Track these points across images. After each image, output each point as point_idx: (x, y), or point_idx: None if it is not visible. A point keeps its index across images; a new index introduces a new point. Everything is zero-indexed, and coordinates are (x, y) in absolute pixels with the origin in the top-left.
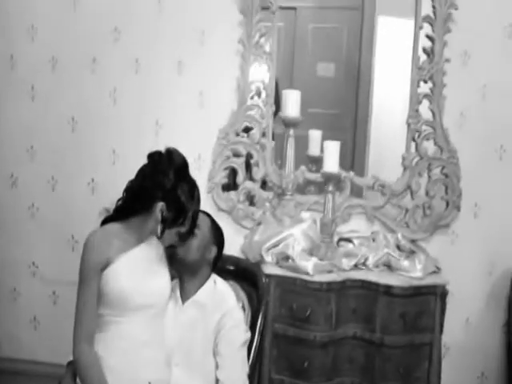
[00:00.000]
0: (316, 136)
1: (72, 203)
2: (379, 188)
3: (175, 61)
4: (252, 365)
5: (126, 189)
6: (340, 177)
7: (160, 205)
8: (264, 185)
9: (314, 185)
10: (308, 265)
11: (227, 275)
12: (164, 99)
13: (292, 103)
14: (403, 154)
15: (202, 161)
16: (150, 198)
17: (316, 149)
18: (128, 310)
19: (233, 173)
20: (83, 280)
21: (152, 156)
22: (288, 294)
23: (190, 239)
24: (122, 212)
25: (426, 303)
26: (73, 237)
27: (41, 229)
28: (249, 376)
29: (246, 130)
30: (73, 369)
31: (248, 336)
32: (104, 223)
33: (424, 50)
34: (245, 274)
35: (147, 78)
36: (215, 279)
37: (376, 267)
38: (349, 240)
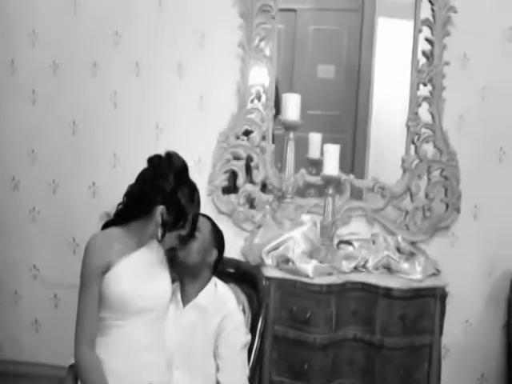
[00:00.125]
0: (316, 139)
1: (73, 206)
2: (379, 190)
3: (175, 64)
4: (252, 367)
5: (127, 193)
6: (340, 180)
7: (160, 208)
8: (264, 188)
9: (314, 188)
10: (308, 267)
11: (228, 278)
12: (164, 102)
13: (292, 107)
14: (403, 157)
15: (203, 164)
16: (150, 202)
17: (316, 152)
18: (129, 314)
19: (233, 176)
20: (84, 284)
21: (152, 160)
22: (288, 297)
23: (191, 242)
24: (123, 216)
25: (426, 305)
26: (74, 240)
27: (42, 232)
28: (249, 378)
29: (246, 133)
30: (74, 372)
31: (248, 338)
32: (105, 227)
33: (423, 53)
34: (245, 277)
35: (148, 82)
36: (216, 282)
37: (376, 269)
38: (349, 242)
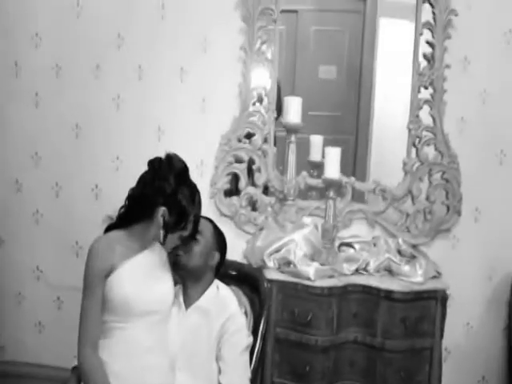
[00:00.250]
0: (317, 141)
1: (76, 209)
2: (380, 193)
3: (178, 67)
4: (254, 369)
5: (128, 196)
6: (341, 183)
7: (161, 210)
8: (266, 190)
9: (316, 190)
10: (309, 270)
11: (230, 280)
12: (167, 105)
13: (293, 110)
14: (404, 159)
15: (205, 166)
16: (152, 204)
17: (317, 154)
18: (132, 316)
19: (235, 178)
20: (87, 287)
21: (152, 162)
22: (290, 299)
23: (194, 245)
24: (125, 219)
25: (427, 308)
26: (77, 242)
27: (45, 234)
28: (251, 380)
29: (248, 136)
30: (77, 373)
31: (250, 341)
32: (107, 231)
33: (424, 56)
34: (247, 279)
35: (150, 84)
36: (218, 285)
37: (377, 272)
38: (350, 245)
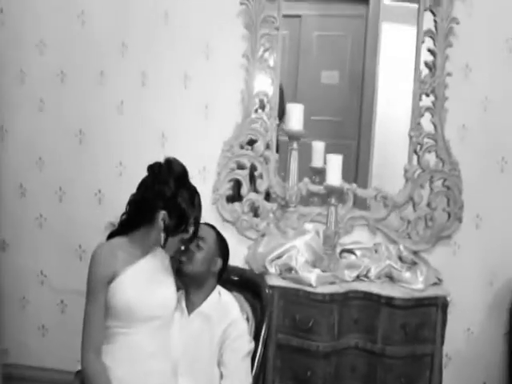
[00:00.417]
0: (319, 147)
1: (79, 213)
2: (381, 199)
3: (181, 74)
4: (256, 374)
5: (129, 202)
6: (342, 190)
7: (162, 213)
8: (268, 196)
9: (318, 196)
10: (311, 276)
11: (232, 286)
12: (170, 112)
13: (295, 117)
14: (405, 167)
15: (207, 172)
16: (152, 208)
17: (319, 160)
18: (135, 322)
19: (237, 184)
20: (90, 293)
21: (152, 167)
22: (291, 305)
23: (196, 252)
24: (127, 225)
25: (427, 314)
26: (80, 246)
27: (49, 238)
28: None
29: (251, 143)
30: (81, 378)
31: (252, 346)
32: (110, 237)
33: (426, 64)
34: (249, 285)
35: (154, 91)
36: (220, 291)
37: (378, 279)
38: (351, 251)
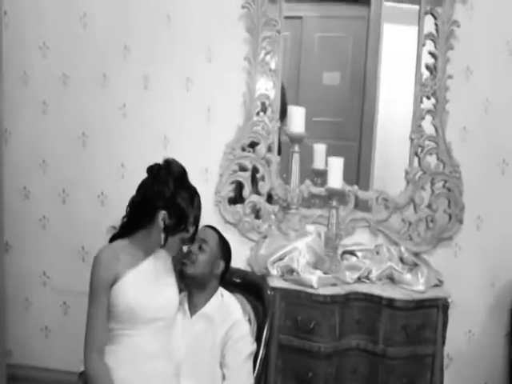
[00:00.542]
0: (321, 149)
1: (82, 215)
2: (383, 201)
3: (183, 77)
4: (258, 375)
5: (129, 204)
6: (344, 192)
7: (162, 213)
8: (270, 198)
9: (319, 198)
10: (312, 278)
11: (234, 288)
12: (172, 114)
13: (297, 119)
14: (406, 169)
15: (209, 174)
16: (152, 208)
17: (321, 162)
18: (138, 323)
19: (239, 186)
20: (93, 295)
21: (151, 168)
22: (293, 307)
23: (199, 255)
24: (128, 228)
25: (428, 316)
26: (83, 248)
27: (52, 240)
28: None
29: (252, 145)
30: (84, 379)
31: (254, 348)
32: (112, 241)
33: (427, 67)
34: (251, 287)
35: (156, 94)
36: (222, 292)
37: (379, 280)
38: (353, 253)
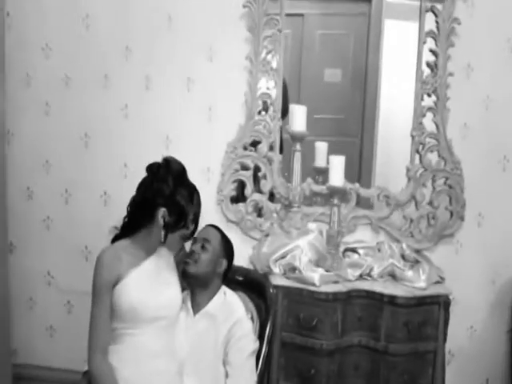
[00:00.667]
0: (322, 147)
1: (85, 215)
2: (384, 199)
3: (185, 77)
4: (261, 373)
5: (130, 203)
6: (345, 190)
7: (161, 211)
8: (272, 197)
9: (321, 195)
10: (314, 276)
11: (236, 286)
12: (174, 114)
13: (298, 118)
14: (407, 166)
15: (211, 173)
16: (152, 206)
17: (322, 160)
18: (141, 323)
19: (241, 185)
20: (96, 296)
21: (150, 167)
22: (295, 304)
23: (202, 254)
24: (129, 228)
25: (430, 312)
26: (86, 247)
27: (55, 240)
28: None
29: (254, 144)
30: (88, 378)
31: (256, 346)
32: (114, 241)
33: (428, 65)
34: (253, 285)
35: (157, 94)
36: (225, 291)
37: (381, 277)
38: (354, 250)
